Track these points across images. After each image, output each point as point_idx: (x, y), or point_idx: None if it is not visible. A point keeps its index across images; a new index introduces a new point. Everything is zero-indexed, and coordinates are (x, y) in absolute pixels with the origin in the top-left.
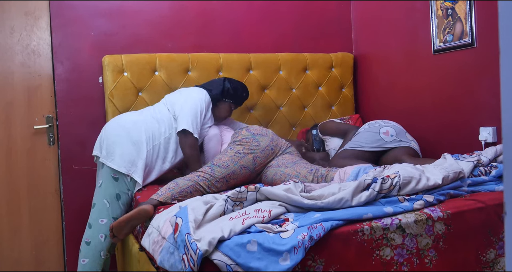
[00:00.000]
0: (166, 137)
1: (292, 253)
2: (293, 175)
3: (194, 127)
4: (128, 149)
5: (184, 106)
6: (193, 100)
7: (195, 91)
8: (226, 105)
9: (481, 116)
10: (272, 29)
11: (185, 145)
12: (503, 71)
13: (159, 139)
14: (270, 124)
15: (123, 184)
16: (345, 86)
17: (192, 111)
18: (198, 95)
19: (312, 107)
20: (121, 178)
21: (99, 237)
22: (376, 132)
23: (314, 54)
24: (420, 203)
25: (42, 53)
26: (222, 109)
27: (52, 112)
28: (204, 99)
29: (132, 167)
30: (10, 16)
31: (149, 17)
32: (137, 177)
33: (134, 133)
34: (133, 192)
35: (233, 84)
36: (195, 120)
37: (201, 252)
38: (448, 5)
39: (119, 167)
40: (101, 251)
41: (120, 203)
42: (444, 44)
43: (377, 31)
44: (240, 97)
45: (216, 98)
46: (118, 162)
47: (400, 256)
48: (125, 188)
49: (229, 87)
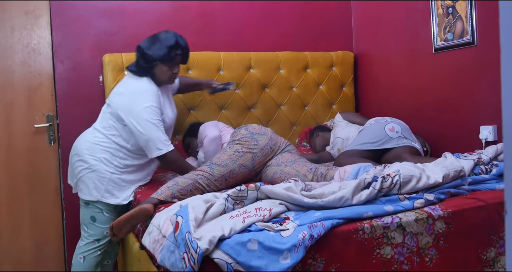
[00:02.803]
0: (125, 147)
1: (293, 251)
2: (293, 174)
3: (162, 144)
4: (90, 178)
5: (141, 133)
6: (144, 118)
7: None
8: (158, 69)
9: (482, 115)
10: (273, 27)
11: (168, 165)
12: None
13: (118, 154)
14: (270, 123)
15: (94, 208)
16: (345, 85)
17: (151, 132)
18: (142, 104)
19: (313, 105)
20: (91, 203)
21: (77, 258)
22: (381, 127)
23: (315, 53)
24: (420, 202)
25: (43, 52)
26: (158, 75)
27: (52, 111)
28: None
29: (99, 192)
30: (11, 15)
31: (149, 16)
32: (110, 201)
33: (90, 160)
34: (110, 209)
35: (145, 43)
36: (159, 135)
37: (202, 250)
38: (449, 4)
39: (86, 196)
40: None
41: (97, 223)
42: (445, 43)
43: (377, 29)
44: (161, 52)
45: (144, 70)
46: (85, 192)
47: (401, 254)
48: (98, 209)
49: (142, 52)
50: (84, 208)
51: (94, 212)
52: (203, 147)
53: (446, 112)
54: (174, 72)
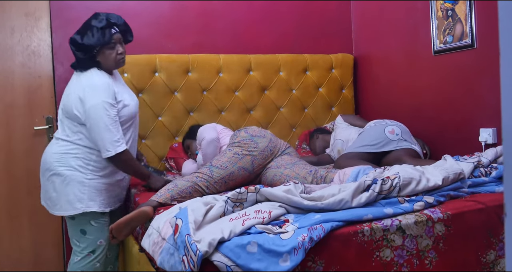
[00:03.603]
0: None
1: (292, 254)
2: (292, 176)
3: (111, 145)
4: (69, 190)
5: (94, 129)
6: (92, 117)
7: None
8: (101, 56)
9: (481, 117)
10: (272, 30)
11: (118, 167)
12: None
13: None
14: (270, 125)
15: (81, 220)
16: (345, 87)
17: (100, 132)
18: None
19: (312, 108)
20: (77, 216)
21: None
22: (381, 130)
23: (314, 55)
24: (420, 204)
25: (43, 54)
26: (103, 62)
27: (52, 113)
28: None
29: (83, 203)
30: (11, 16)
31: (149, 18)
32: (96, 209)
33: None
34: (97, 217)
35: (77, 34)
36: (108, 135)
37: (201, 253)
38: (448, 6)
39: (69, 211)
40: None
41: (88, 235)
42: (444, 45)
43: (377, 32)
44: (95, 37)
45: (87, 62)
46: (67, 207)
47: (400, 257)
48: (85, 221)
49: (77, 44)
50: (71, 222)
51: (82, 224)
52: (201, 149)
53: (445, 114)
54: (119, 52)
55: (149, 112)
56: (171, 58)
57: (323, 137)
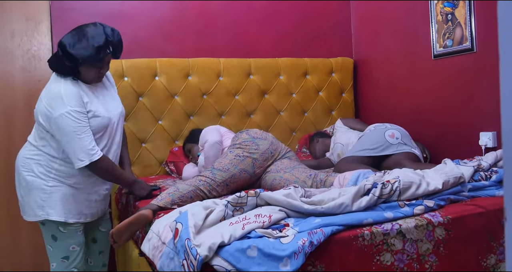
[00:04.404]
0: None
1: (292, 258)
2: (292, 180)
3: (84, 154)
4: (32, 197)
5: (63, 139)
6: (60, 127)
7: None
8: (84, 69)
9: (481, 121)
10: (272, 34)
11: (99, 175)
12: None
13: (53, 166)
14: (270, 129)
15: (50, 225)
16: (345, 91)
17: (70, 141)
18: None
19: (312, 112)
20: (45, 221)
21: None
22: (381, 134)
23: (314, 59)
24: (420, 208)
25: (43, 58)
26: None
27: None
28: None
29: (44, 211)
30: (11, 20)
31: (149, 22)
32: (56, 219)
33: (27, 177)
34: (64, 225)
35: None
36: (80, 144)
37: (201, 257)
38: (448, 10)
39: (32, 217)
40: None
41: (59, 241)
42: (444, 49)
43: (377, 36)
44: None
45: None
46: (30, 213)
47: (401, 261)
48: (54, 226)
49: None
50: (42, 227)
51: (52, 230)
52: (204, 151)
53: (445, 118)
54: (102, 72)
55: (149, 116)
56: (171, 62)
57: (323, 141)
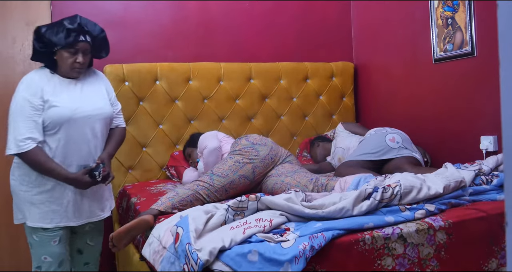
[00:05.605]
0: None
1: (293, 263)
2: (293, 184)
3: (13, 143)
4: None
5: (9, 123)
6: (12, 108)
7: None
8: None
9: (482, 125)
10: (273, 38)
11: (31, 166)
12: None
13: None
14: (270, 133)
15: (27, 231)
16: (345, 95)
17: (9, 127)
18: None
19: (313, 116)
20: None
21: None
22: (382, 138)
23: (315, 64)
24: (421, 213)
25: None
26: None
27: None
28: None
29: (22, 214)
30: (12, 26)
31: (150, 27)
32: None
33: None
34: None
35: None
36: (15, 132)
37: (202, 262)
38: (448, 15)
39: (15, 220)
40: None
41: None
42: (444, 53)
43: (377, 40)
44: (59, 35)
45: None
46: (15, 215)
47: (402, 265)
48: (29, 233)
49: (39, 33)
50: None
51: (28, 236)
52: (203, 157)
53: (446, 122)
54: (78, 61)
55: (150, 120)
56: (172, 67)
57: (324, 145)
